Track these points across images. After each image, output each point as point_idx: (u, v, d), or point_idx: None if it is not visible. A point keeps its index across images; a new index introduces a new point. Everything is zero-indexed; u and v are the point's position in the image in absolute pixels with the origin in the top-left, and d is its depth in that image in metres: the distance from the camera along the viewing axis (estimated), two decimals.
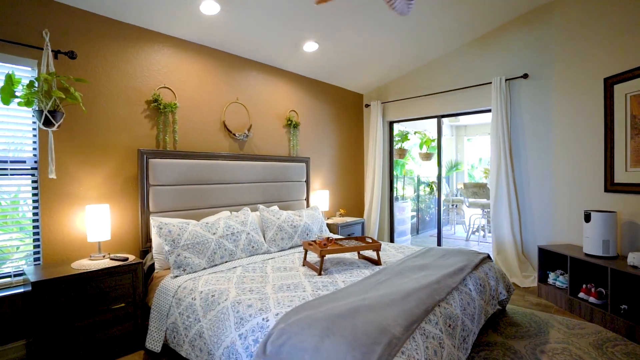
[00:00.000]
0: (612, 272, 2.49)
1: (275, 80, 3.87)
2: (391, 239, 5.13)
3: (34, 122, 2.25)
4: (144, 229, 2.66)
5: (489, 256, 2.75)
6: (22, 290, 2.15)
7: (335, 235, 3.46)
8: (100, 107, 2.52)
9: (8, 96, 1.97)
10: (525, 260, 3.67)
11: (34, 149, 2.28)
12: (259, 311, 1.71)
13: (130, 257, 2.35)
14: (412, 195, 7.21)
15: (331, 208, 4.66)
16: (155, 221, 2.48)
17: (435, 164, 8.04)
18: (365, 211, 4.98)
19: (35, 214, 2.27)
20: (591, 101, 3.11)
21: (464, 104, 4.16)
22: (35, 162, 2.26)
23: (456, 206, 7.11)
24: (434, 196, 7.64)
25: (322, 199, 4.28)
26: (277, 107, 3.91)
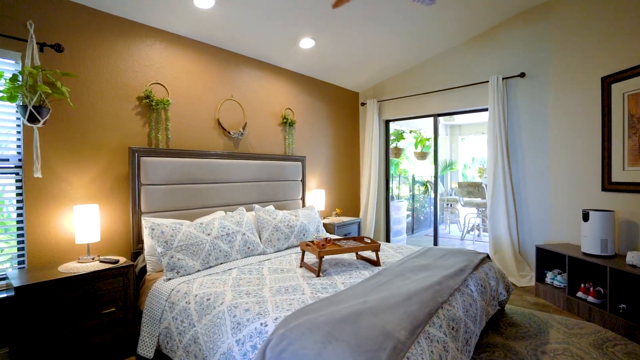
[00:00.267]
0: (611, 272, 2.48)
1: (270, 78, 3.80)
2: (387, 238, 5.09)
3: (18, 118, 2.15)
4: (135, 230, 2.56)
5: (488, 256, 2.72)
6: (4, 296, 2.05)
7: (333, 236, 3.40)
8: (89, 103, 2.41)
9: None
10: (522, 259, 3.66)
11: (18, 146, 2.17)
12: (256, 315, 1.65)
13: (121, 260, 2.26)
14: (407, 195, 7.20)
15: (327, 208, 4.61)
16: (147, 222, 2.39)
17: (429, 163, 8.07)
18: (361, 211, 4.93)
19: (19, 215, 2.16)
20: (588, 100, 3.10)
21: (460, 102, 4.14)
22: (20, 160, 2.16)
23: (451, 205, 7.11)
24: (428, 195, 7.64)
25: (318, 199, 4.22)
26: (273, 104, 3.83)
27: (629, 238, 2.76)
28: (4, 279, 2.10)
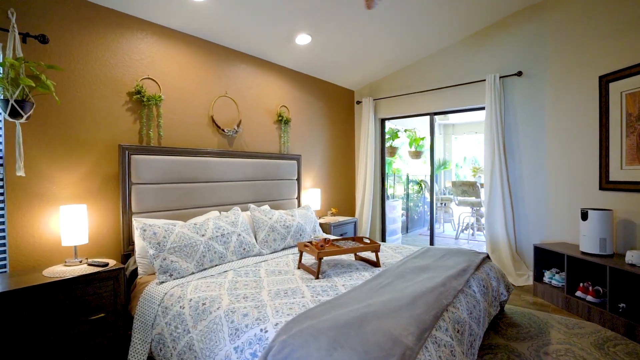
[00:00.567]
0: (610, 271, 2.47)
1: (265, 74, 3.71)
2: (383, 238, 5.05)
3: None
4: (125, 231, 2.45)
5: (488, 256, 2.69)
6: None
7: (331, 236, 3.34)
8: (76, 97, 2.30)
9: None
10: (519, 258, 3.65)
11: None
12: (256, 321, 1.57)
13: (111, 262, 2.16)
14: (402, 194, 7.17)
15: (322, 207, 4.54)
16: (139, 222, 2.29)
17: (422, 162, 8.07)
18: (357, 210, 4.88)
19: (0, 216, 2.04)
20: (586, 99, 3.10)
21: (457, 101, 4.11)
22: (1, 157, 2.03)
23: (445, 204, 7.12)
24: (422, 195, 7.63)
25: (313, 198, 4.15)
26: (268, 102, 3.74)
27: (626, 237, 2.76)
28: None
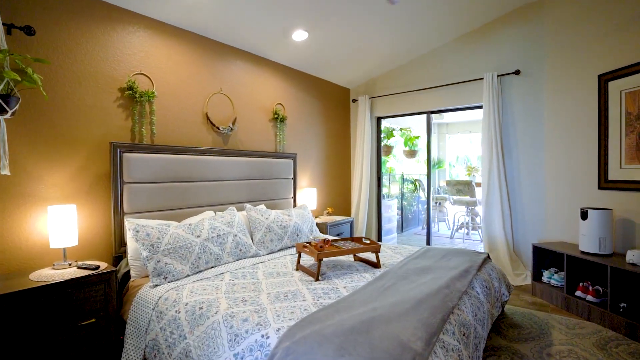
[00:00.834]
0: (611, 270, 2.46)
1: (261, 71, 3.63)
2: (379, 237, 5.01)
3: None
4: (117, 232, 2.36)
5: (488, 256, 2.66)
6: None
7: (329, 236, 3.28)
8: (64, 93, 2.19)
9: None
10: (516, 258, 3.64)
11: None
12: (256, 326, 1.50)
13: (102, 265, 2.06)
14: (396, 193, 7.15)
15: (318, 207, 4.48)
16: (131, 223, 2.20)
17: (417, 161, 8.06)
18: (353, 209, 4.83)
19: None
20: (584, 98, 3.09)
21: (454, 100, 4.09)
22: None
23: (439, 204, 7.12)
24: (417, 194, 7.62)
25: (309, 197, 4.09)
26: (263, 99, 3.66)
27: (625, 236, 2.76)
28: None
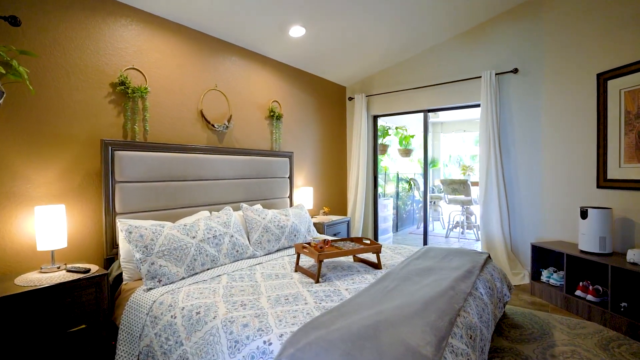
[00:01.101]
0: (612, 270, 2.45)
1: (257, 68, 3.55)
2: (375, 237, 4.97)
3: None
4: (108, 233, 2.27)
5: (489, 256, 2.63)
6: None
7: (328, 237, 3.22)
8: (52, 87, 2.09)
9: None
10: (514, 257, 3.63)
11: None
12: (257, 332, 1.43)
13: (93, 268, 1.97)
14: (391, 193, 7.13)
15: (315, 206, 4.42)
16: (124, 224, 2.11)
17: (410, 160, 8.05)
18: (349, 209, 4.78)
19: None
20: (583, 97, 3.08)
21: (452, 98, 4.06)
22: None
23: (434, 203, 7.11)
24: (412, 193, 7.61)
25: (306, 197, 4.02)
26: (259, 96, 3.59)
27: (624, 235, 2.76)
28: None
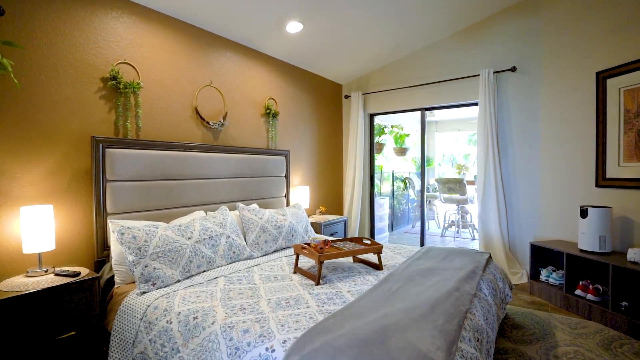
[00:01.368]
0: (613, 269, 2.44)
1: (253, 64, 3.47)
2: (372, 237, 4.93)
3: None
4: (99, 234, 2.17)
5: (490, 255, 2.60)
6: None
7: (325, 237, 3.16)
8: (39, 81, 1.99)
9: None
10: (512, 256, 3.61)
11: None
12: (259, 338, 1.37)
13: (83, 271, 1.88)
14: (386, 192, 7.10)
15: (311, 205, 4.35)
16: (115, 225, 2.02)
17: (405, 159, 8.04)
18: (345, 208, 4.73)
19: None
20: (582, 95, 3.07)
21: (449, 96, 4.03)
22: None
23: (429, 202, 7.11)
24: (406, 192, 7.59)
25: (302, 196, 3.95)
26: (255, 93, 3.51)
27: (623, 234, 2.75)
28: None
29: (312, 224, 3.75)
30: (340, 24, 3.31)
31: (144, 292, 1.88)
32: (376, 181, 6.68)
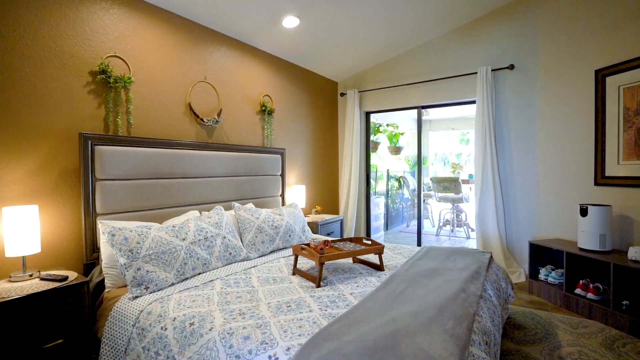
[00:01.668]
0: (614, 267, 2.42)
1: (248, 60, 3.38)
2: (367, 236, 4.88)
3: None
4: (88, 236, 2.07)
5: (491, 255, 2.56)
6: None
7: (323, 237, 3.09)
8: (22, 73, 1.87)
9: None
10: (509, 255, 3.60)
11: None
12: (261, 345, 1.29)
13: (71, 275, 1.78)
14: (382, 191, 7.07)
15: (307, 205, 4.28)
16: (106, 226, 1.91)
17: (398, 158, 8.02)
18: (341, 207, 4.67)
19: None
20: (580, 93, 3.06)
21: (447, 94, 4.00)
22: None
23: (424, 201, 7.10)
24: (401, 191, 7.57)
25: (298, 195, 3.88)
26: (250, 90, 3.42)
27: (623, 233, 2.75)
28: None
29: (308, 223, 3.68)
30: (337, 19, 3.25)
31: (136, 297, 1.79)
32: (371, 180, 6.64)
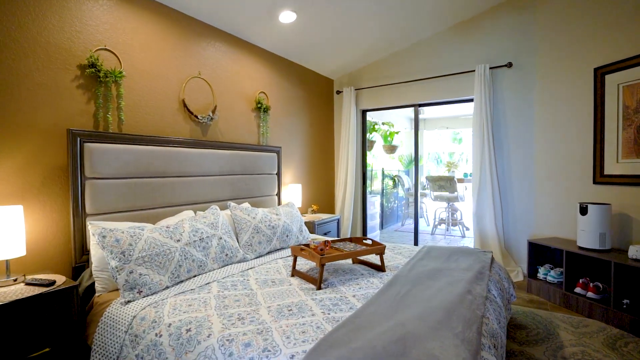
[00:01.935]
0: (615, 266, 2.41)
1: (244, 56, 3.29)
2: (364, 235, 4.83)
3: None
4: (77, 237, 1.97)
5: (493, 254, 2.53)
6: None
7: (322, 237, 3.03)
8: (6, 67, 1.77)
9: None
10: (507, 254, 3.58)
11: None
12: (263, 353, 1.22)
13: (59, 279, 1.68)
14: (377, 190, 7.03)
15: (303, 204, 4.21)
16: (96, 227, 1.82)
17: (392, 157, 8.00)
18: (338, 206, 4.61)
19: None
20: (579, 91, 3.05)
21: (444, 92, 3.96)
22: None
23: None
24: (395, 190, 7.55)
25: (294, 194, 3.81)
26: (246, 87, 3.33)
27: (622, 231, 2.74)
28: None
29: (305, 223, 3.62)
30: (334, 15, 3.18)
31: (128, 301, 1.70)
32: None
